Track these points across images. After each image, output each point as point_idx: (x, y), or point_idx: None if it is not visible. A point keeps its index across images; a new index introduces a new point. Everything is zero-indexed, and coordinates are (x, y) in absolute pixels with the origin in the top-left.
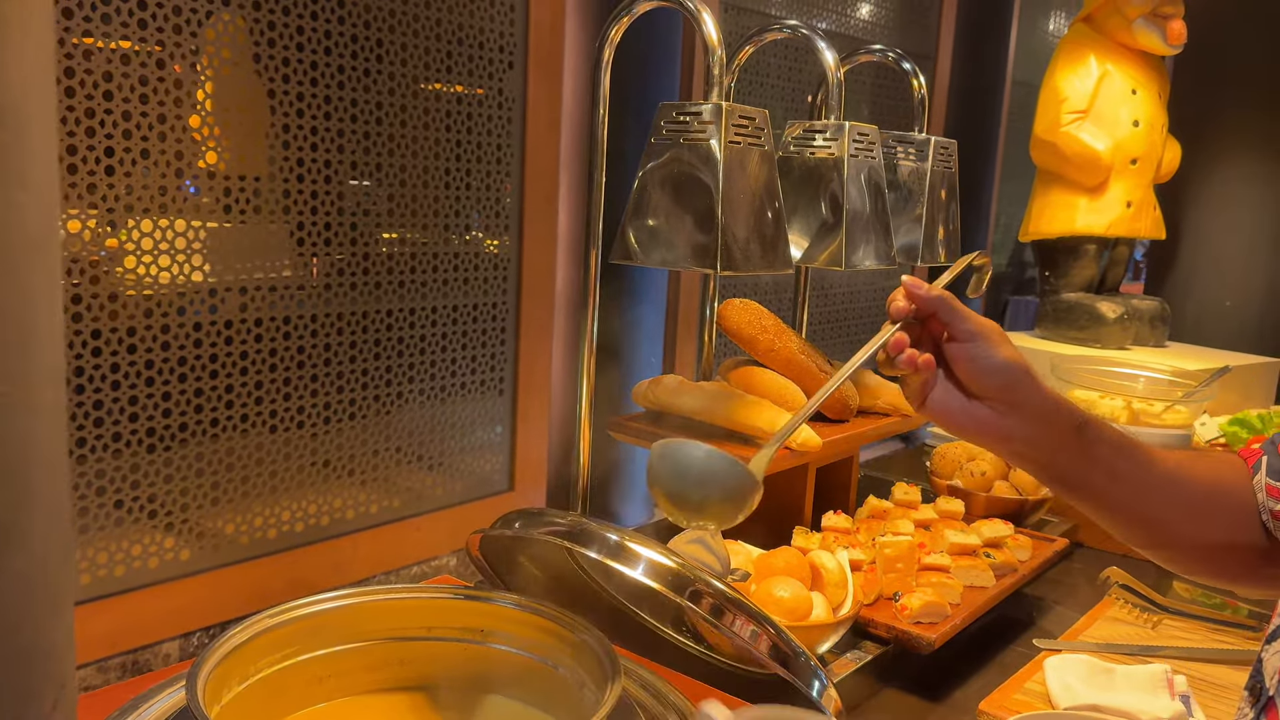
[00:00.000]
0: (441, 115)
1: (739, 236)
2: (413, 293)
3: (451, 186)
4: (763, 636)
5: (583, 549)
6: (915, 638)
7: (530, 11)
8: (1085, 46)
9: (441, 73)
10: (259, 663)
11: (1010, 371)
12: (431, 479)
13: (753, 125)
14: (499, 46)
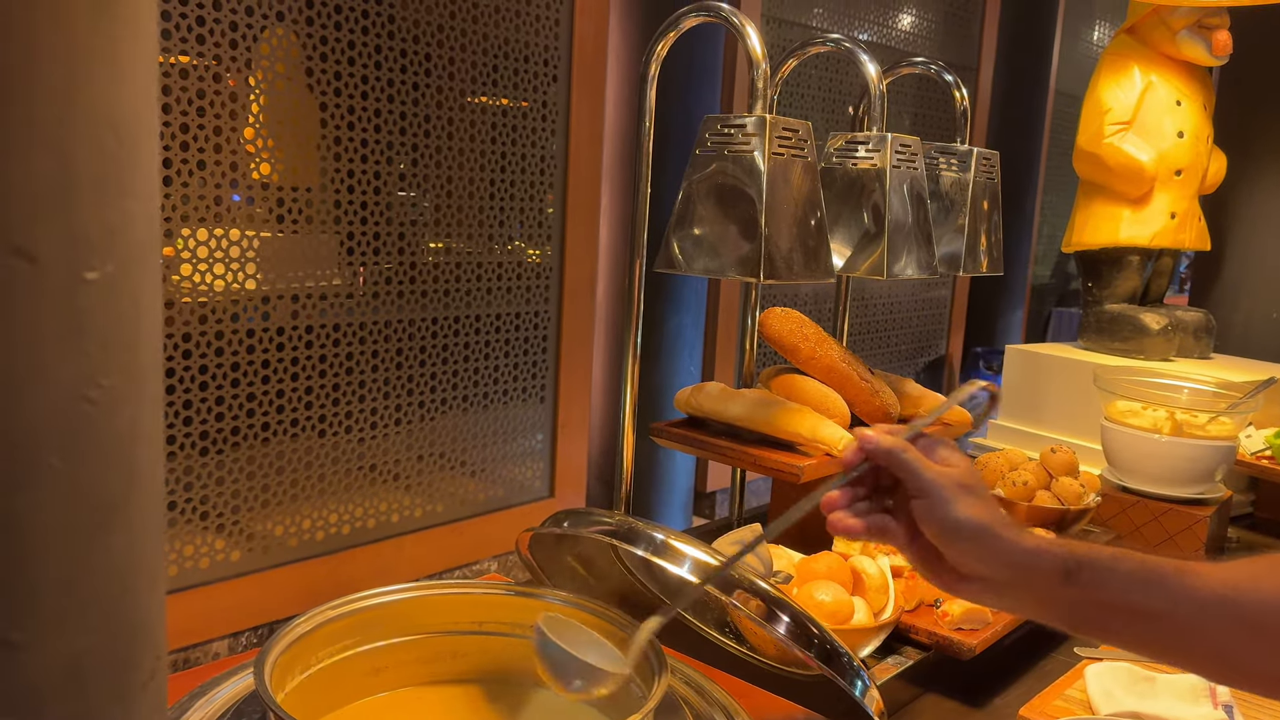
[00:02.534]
0: (486, 128)
1: (782, 246)
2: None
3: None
4: (807, 636)
5: (630, 547)
6: (956, 644)
7: (575, 25)
8: (1129, 58)
9: (487, 86)
10: (319, 653)
11: (966, 529)
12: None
13: (796, 137)
14: (543, 60)
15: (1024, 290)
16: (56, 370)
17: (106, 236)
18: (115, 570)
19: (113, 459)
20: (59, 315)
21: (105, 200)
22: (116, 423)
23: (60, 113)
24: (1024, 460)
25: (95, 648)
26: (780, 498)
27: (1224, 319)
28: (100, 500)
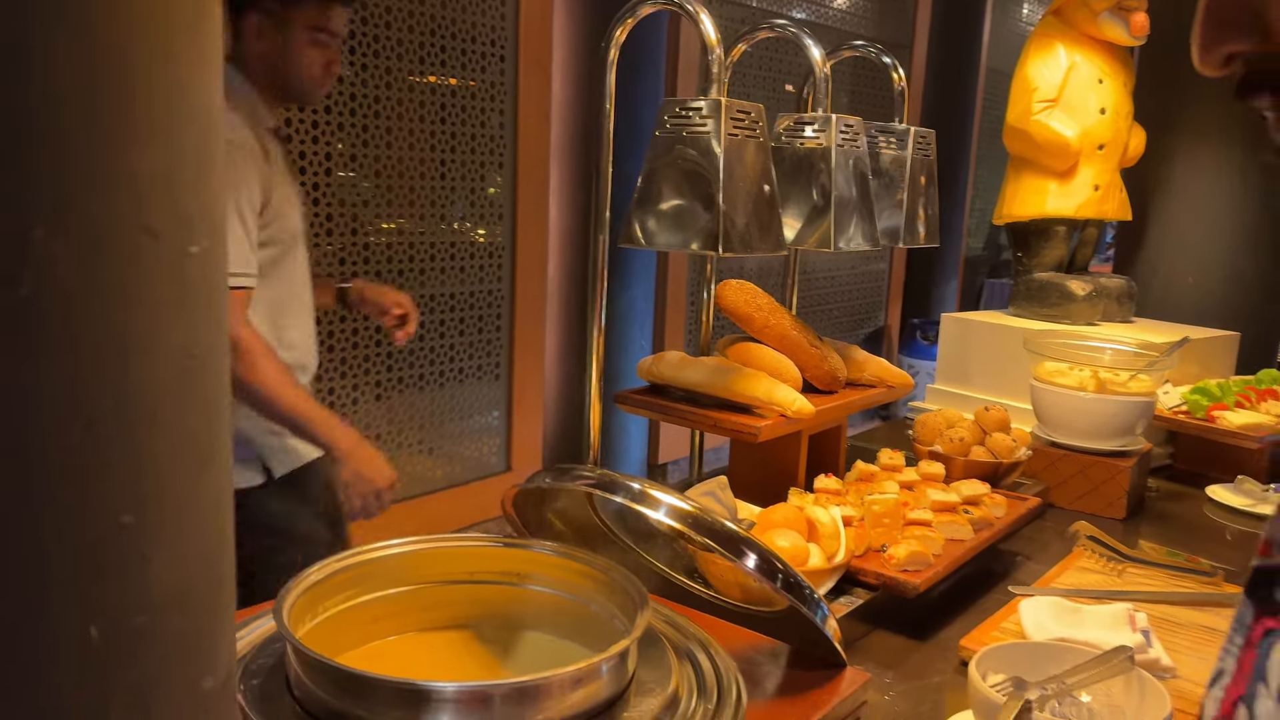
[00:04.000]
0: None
1: (738, 221)
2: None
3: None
4: (773, 571)
5: (611, 496)
6: (901, 583)
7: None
8: (1054, 38)
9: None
10: (326, 602)
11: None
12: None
13: (749, 119)
14: (490, 40)
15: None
16: (170, 332)
17: (203, 216)
18: (212, 503)
19: (207, 410)
20: (171, 284)
21: (201, 184)
22: (208, 379)
23: (168, 109)
24: (960, 419)
25: (199, 569)
26: (739, 458)
27: (1144, 285)
28: (201, 444)
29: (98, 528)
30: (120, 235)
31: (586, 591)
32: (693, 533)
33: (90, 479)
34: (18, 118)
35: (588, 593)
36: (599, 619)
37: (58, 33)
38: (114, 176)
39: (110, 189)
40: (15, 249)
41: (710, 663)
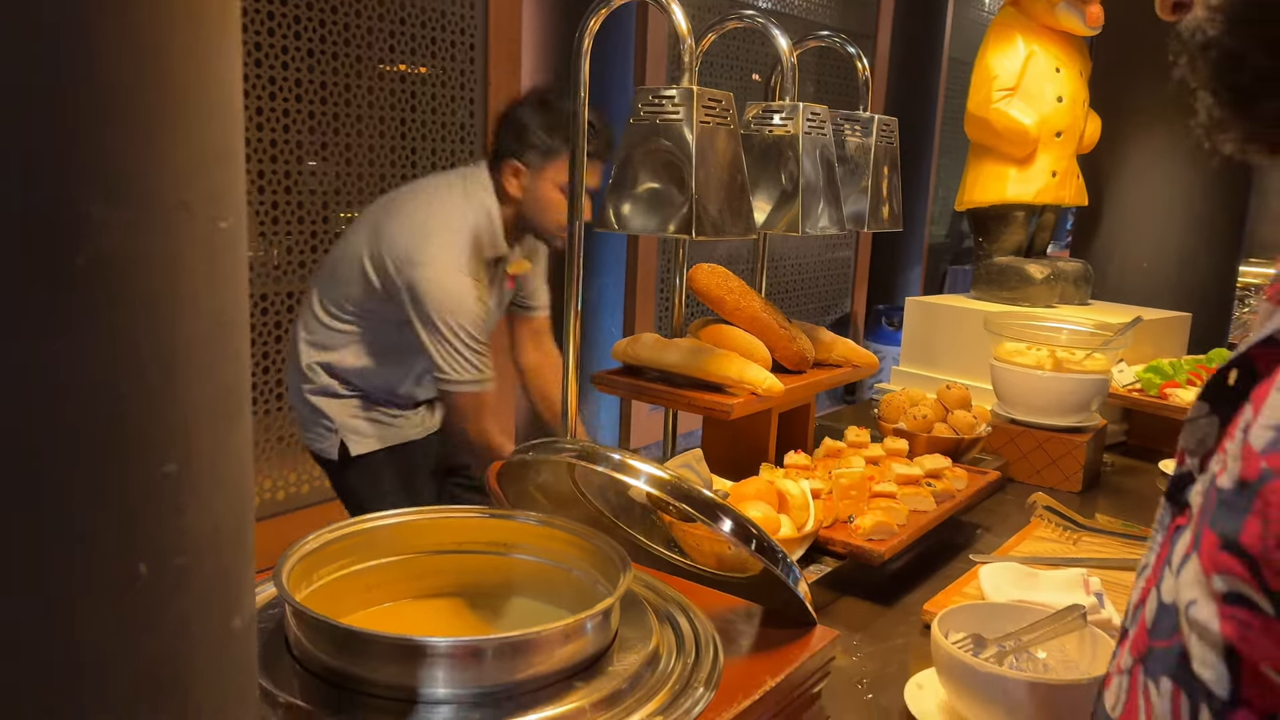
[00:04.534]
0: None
1: (711, 206)
2: None
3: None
4: (748, 535)
5: (594, 465)
6: (868, 551)
7: None
8: (1013, 28)
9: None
10: (320, 570)
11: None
12: None
13: (720, 107)
14: (460, 29)
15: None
16: (203, 297)
17: (229, 194)
18: (240, 458)
19: (236, 371)
20: (204, 254)
21: (226, 168)
22: (235, 342)
23: (200, 104)
24: (923, 397)
25: (229, 517)
26: (711, 436)
27: (1100, 268)
28: (231, 402)
29: (146, 475)
30: (162, 210)
31: (570, 558)
32: (672, 500)
33: (139, 427)
34: (78, 110)
35: (571, 559)
36: (582, 584)
37: (112, 38)
38: (157, 160)
39: (154, 170)
40: (74, 222)
41: (689, 623)
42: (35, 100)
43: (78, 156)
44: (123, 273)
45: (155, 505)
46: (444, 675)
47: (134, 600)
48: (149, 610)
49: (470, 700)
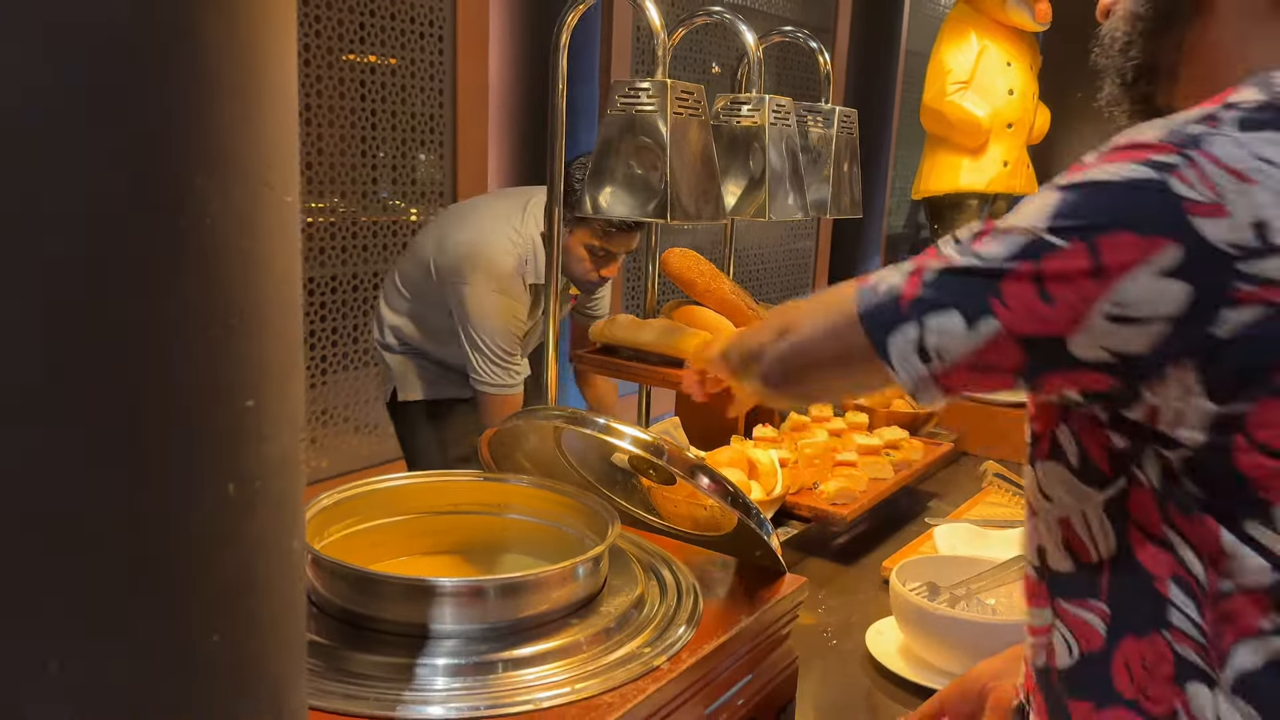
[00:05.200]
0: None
1: (683, 193)
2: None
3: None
4: (726, 492)
5: (582, 429)
6: (831, 514)
7: None
8: (966, 24)
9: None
10: (331, 528)
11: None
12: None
13: (691, 99)
14: (429, 21)
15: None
16: (276, 259)
17: (290, 173)
18: (298, 398)
19: (294, 323)
20: (278, 223)
21: (290, 148)
22: (295, 299)
23: (275, 97)
24: None
25: (291, 449)
26: (684, 412)
27: None
28: (292, 347)
29: (234, 406)
30: (250, 184)
31: (560, 517)
32: (656, 459)
33: (228, 367)
34: (186, 98)
35: (561, 518)
36: (572, 539)
37: (216, 38)
38: (247, 142)
39: (245, 151)
40: (183, 190)
41: (671, 573)
42: (153, 88)
43: (185, 136)
44: (217, 235)
45: (239, 433)
46: (451, 613)
47: (222, 516)
48: (233, 526)
49: (476, 635)
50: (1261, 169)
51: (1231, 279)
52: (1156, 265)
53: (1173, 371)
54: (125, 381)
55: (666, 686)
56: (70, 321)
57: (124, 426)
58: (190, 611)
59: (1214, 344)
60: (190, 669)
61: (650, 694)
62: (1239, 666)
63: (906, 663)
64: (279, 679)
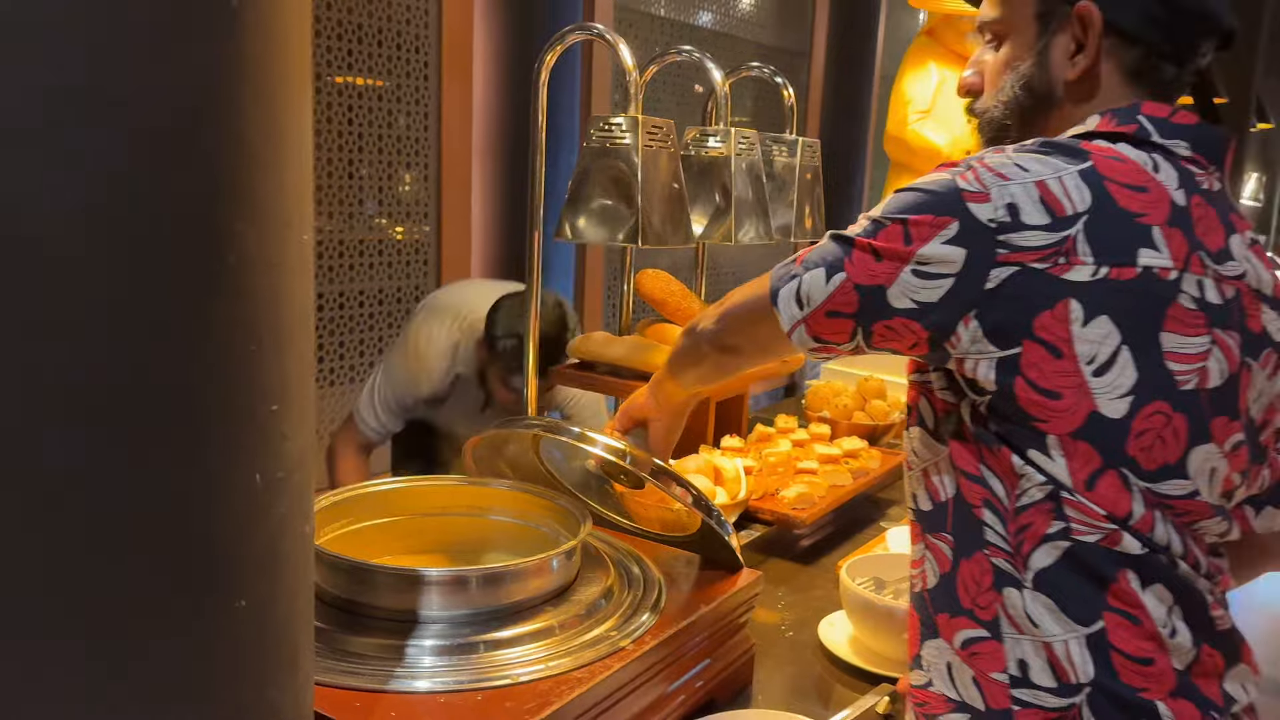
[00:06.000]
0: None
1: (654, 219)
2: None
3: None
4: (694, 495)
5: (558, 436)
6: (791, 519)
7: (444, 16)
8: (927, 55)
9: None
10: (327, 528)
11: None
12: None
13: (661, 133)
14: (415, 47)
15: None
16: (296, 291)
17: (306, 215)
18: (310, 405)
19: (309, 342)
20: (298, 259)
21: (308, 195)
22: (309, 322)
23: (296, 154)
24: (844, 389)
25: (307, 447)
26: None
27: None
28: (308, 363)
29: (262, 409)
30: (278, 227)
31: (537, 517)
32: (624, 465)
33: (258, 377)
34: (234, 167)
35: (538, 518)
36: (548, 537)
37: (250, 107)
38: (276, 193)
39: (273, 200)
40: (226, 235)
41: (639, 568)
42: (208, 159)
43: (229, 192)
44: (254, 269)
45: (265, 431)
46: (438, 600)
47: (250, 501)
48: (259, 510)
49: (460, 620)
50: (1016, 171)
51: (994, 246)
52: (945, 235)
53: (962, 325)
54: (174, 387)
55: (630, 665)
56: (130, 338)
57: (170, 425)
58: (222, 581)
59: (986, 296)
60: (220, 632)
61: (615, 671)
62: (1036, 566)
63: (855, 651)
64: (295, 643)
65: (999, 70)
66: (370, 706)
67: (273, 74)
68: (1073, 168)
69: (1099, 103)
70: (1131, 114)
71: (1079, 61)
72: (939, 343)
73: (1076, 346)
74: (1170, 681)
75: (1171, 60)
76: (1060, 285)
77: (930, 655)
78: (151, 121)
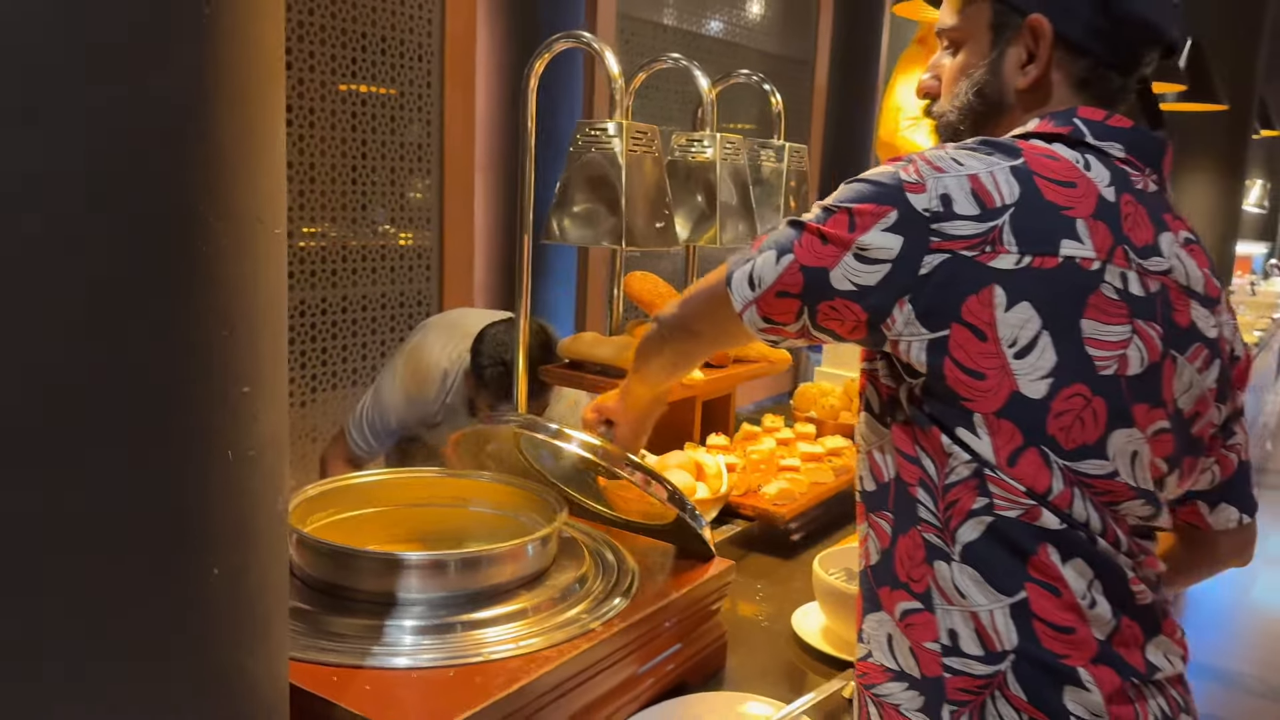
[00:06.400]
0: (366, 118)
1: (638, 221)
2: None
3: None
4: (668, 489)
5: (535, 433)
6: (772, 513)
7: (446, 25)
8: (917, 62)
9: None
10: (313, 515)
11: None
12: None
13: (645, 138)
14: (418, 56)
15: None
16: (266, 279)
17: (279, 210)
18: (282, 390)
19: (279, 330)
20: (268, 251)
21: (278, 191)
22: (280, 310)
23: (267, 153)
24: (832, 389)
25: (279, 426)
26: None
27: None
28: (278, 350)
29: (234, 392)
30: (249, 222)
31: (516, 507)
32: (600, 460)
33: (231, 362)
34: (210, 167)
35: (517, 508)
36: (526, 526)
37: (223, 110)
38: (248, 191)
39: (246, 198)
40: (198, 226)
41: (613, 555)
42: (184, 159)
43: (204, 188)
44: (224, 260)
45: (237, 411)
46: (417, 583)
47: (224, 477)
48: (232, 485)
49: (438, 602)
50: (951, 165)
51: (928, 234)
52: (884, 224)
53: (897, 309)
54: (151, 367)
55: (599, 646)
56: (108, 322)
57: (147, 404)
58: (197, 549)
59: (920, 281)
60: (194, 597)
61: (584, 650)
62: (963, 540)
63: (826, 639)
64: (268, 611)
65: (955, 76)
66: (347, 681)
67: (245, 79)
68: (1005, 164)
69: (1048, 110)
70: (1068, 116)
71: (1030, 71)
72: (876, 324)
73: (999, 330)
74: (1092, 649)
75: (1117, 70)
76: (986, 272)
77: (871, 628)
78: (130, 123)
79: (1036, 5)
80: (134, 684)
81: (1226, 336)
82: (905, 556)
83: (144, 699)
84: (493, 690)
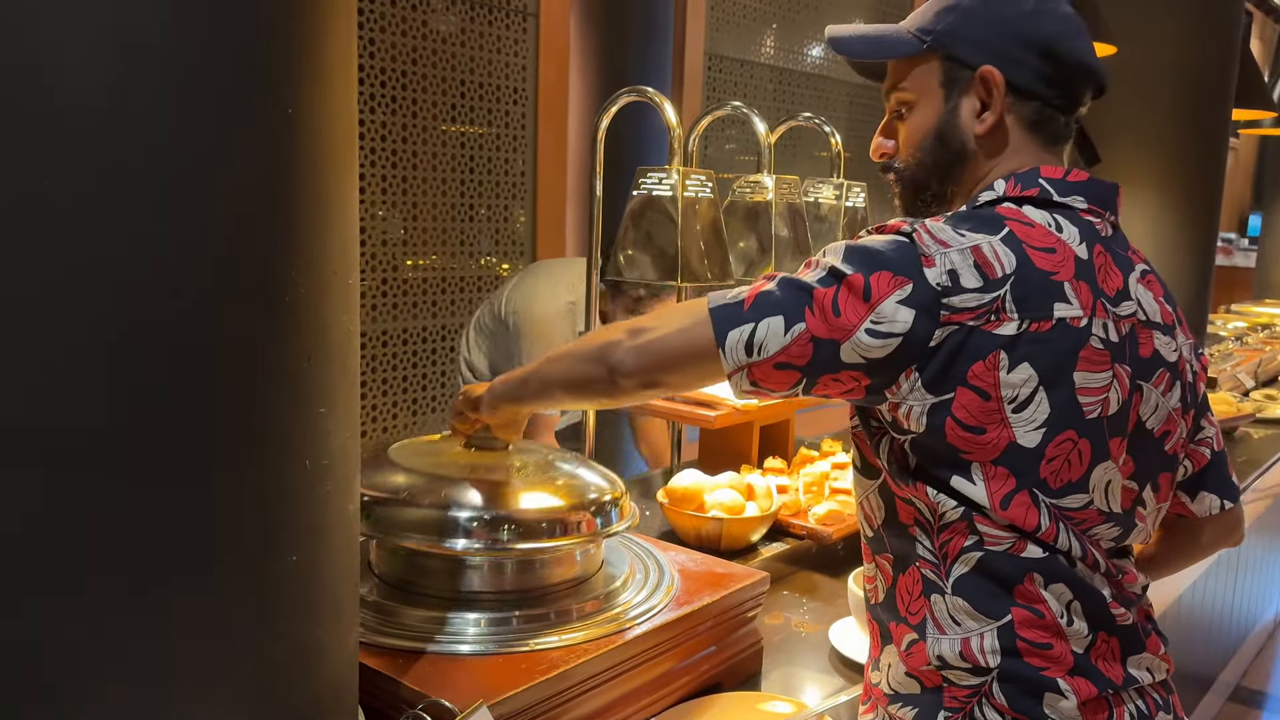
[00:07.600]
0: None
1: (693, 258)
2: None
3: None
4: None
5: None
6: (821, 533)
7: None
8: None
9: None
10: None
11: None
12: None
13: (701, 182)
14: (513, 99)
15: None
16: (340, 319)
17: (353, 262)
18: (354, 412)
19: (352, 362)
20: (342, 297)
21: (352, 246)
22: (354, 346)
23: (340, 215)
24: None
25: (350, 439)
26: (706, 442)
27: None
28: (351, 378)
29: (311, 411)
30: (324, 273)
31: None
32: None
33: (309, 386)
34: (288, 225)
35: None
36: None
37: (299, 184)
38: (322, 248)
39: (321, 253)
40: (285, 282)
41: (656, 564)
42: (269, 221)
43: (291, 249)
44: (307, 305)
45: (314, 427)
46: (478, 581)
47: (301, 483)
48: (307, 491)
49: (497, 597)
50: (954, 238)
51: (939, 309)
52: (901, 294)
53: (904, 376)
54: (246, 391)
55: (634, 641)
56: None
57: (239, 419)
58: (279, 541)
59: (929, 352)
60: (276, 579)
61: (619, 645)
62: (955, 575)
63: (861, 650)
64: (339, 596)
65: (913, 135)
66: (409, 664)
67: (320, 162)
68: (995, 236)
69: (1009, 153)
70: (1032, 178)
71: (986, 118)
72: (879, 390)
73: (1002, 390)
74: (1068, 662)
75: (1062, 110)
76: (991, 339)
77: (887, 658)
78: (237, 203)
79: (985, 57)
80: (225, 658)
81: (1185, 355)
82: (905, 592)
83: (237, 667)
84: (535, 675)
